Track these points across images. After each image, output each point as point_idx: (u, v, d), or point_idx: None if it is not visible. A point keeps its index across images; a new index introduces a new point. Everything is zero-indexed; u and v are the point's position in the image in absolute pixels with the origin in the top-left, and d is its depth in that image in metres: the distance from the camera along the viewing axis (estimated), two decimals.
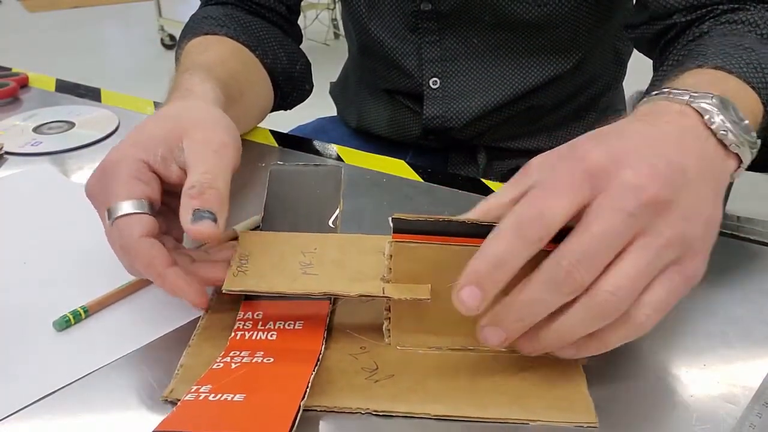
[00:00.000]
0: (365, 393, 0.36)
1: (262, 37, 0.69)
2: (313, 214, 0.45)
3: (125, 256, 0.40)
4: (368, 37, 0.77)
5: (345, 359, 0.38)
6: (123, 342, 0.40)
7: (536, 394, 0.36)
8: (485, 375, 0.37)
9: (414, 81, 0.76)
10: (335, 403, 0.35)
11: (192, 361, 0.38)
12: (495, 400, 0.35)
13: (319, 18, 3.82)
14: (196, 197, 0.39)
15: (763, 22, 0.52)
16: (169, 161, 0.42)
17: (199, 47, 0.63)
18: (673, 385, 0.37)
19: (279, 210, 0.46)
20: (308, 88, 0.77)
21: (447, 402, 0.35)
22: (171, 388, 0.36)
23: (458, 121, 0.76)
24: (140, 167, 0.42)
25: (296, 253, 0.41)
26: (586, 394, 0.36)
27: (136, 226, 0.39)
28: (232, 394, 0.33)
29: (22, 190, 0.59)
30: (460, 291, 0.32)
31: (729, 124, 0.37)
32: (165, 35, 3.84)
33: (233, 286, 0.39)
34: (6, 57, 1.29)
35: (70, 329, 0.41)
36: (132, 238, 0.39)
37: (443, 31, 0.73)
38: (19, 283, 0.46)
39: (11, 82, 0.81)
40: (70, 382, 0.37)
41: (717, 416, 0.35)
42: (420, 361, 0.38)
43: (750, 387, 0.37)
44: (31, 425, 0.35)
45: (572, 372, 0.37)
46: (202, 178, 0.40)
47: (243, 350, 0.38)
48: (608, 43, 0.78)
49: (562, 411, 0.35)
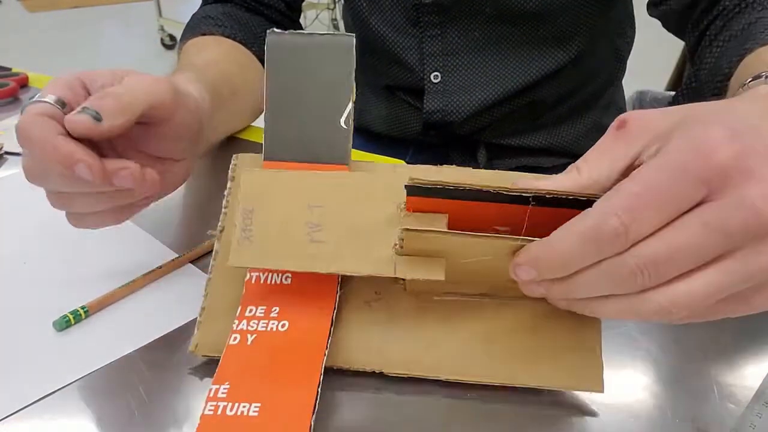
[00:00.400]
0: (379, 355, 0.36)
1: (260, 34, 0.69)
2: (323, 106, 0.40)
3: (20, 140, 0.39)
4: (369, 33, 0.77)
5: (360, 308, 0.38)
6: (123, 342, 0.40)
7: (550, 357, 0.36)
8: (500, 337, 0.36)
9: (415, 75, 0.76)
10: (350, 364, 0.36)
11: (213, 303, 0.38)
12: (507, 364, 0.36)
13: (319, 18, 3.81)
14: (93, 100, 0.38)
15: None
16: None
17: (196, 48, 0.64)
18: (673, 385, 0.37)
19: (282, 99, 0.41)
20: None
21: (458, 365, 0.36)
22: (196, 342, 0.37)
23: (459, 115, 0.76)
24: (73, 80, 0.41)
25: (303, 208, 0.37)
26: (599, 360, 0.35)
27: (38, 109, 0.38)
28: (248, 404, 0.33)
29: (22, 191, 0.59)
30: (518, 267, 0.32)
31: None
32: (165, 35, 3.84)
33: (239, 260, 0.36)
34: (6, 57, 1.29)
35: (70, 329, 0.41)
36: (27, 115, 0.38)
37: (445, 24, 0.72)
38: (19, 284, 0.46)
39: (11, 82, 0.81)
40: (70, 382, 0.37)
41: (717, 416, 0.35)
42: (435, 313, 0.37)
43: (750, 387, 0.37)
44: (31, 425, 0.35)
45: (589, 337, 0.36)
46: (110, 90, 0.39)
47: (258, 305, 0.38)
48: (608, 39, 0.78)
49: (572, 377, 0.35)
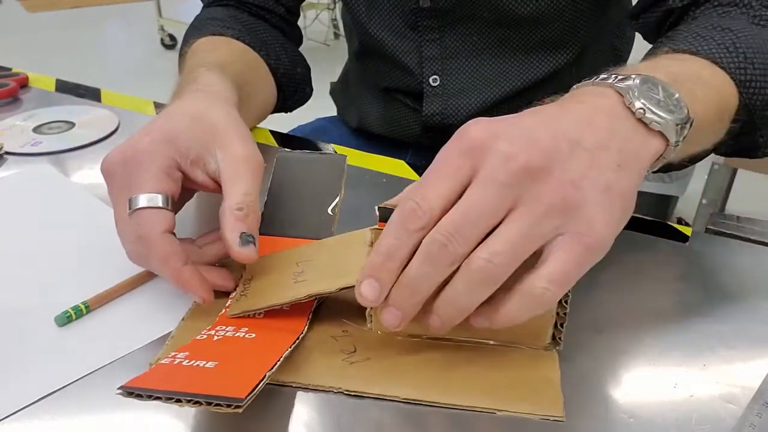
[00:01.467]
0: (340, 373, 0.37)
1: (265, 38, 0.69)
2: (314, 200, 0.46)
3: (141, 247, 0.41)
4: (368, 36, 0.78)
5: (326, 341, 0.40)
6: (124, 339, 0.40)
7: (507, 385, 0.36)
8: (459, 364, 0.38)
9: (414, 79, 0.76)
10: (310, 381, 0.37)
11: (182, 333, 0.40)
12: (465, 389, 0.36)
13: (319, 18, 3.82)
14: (242, 220, 0.40)
15: (758, 3, 0.52)
16: (198, 165, 0.43)
17: (207, 46, 0.63)
18: (673, 385, 0.37)
19: (281, 195, 0.47)
20: (309, 91, 0.77)
21: (418, 387, 0.36)
22: (158, 357, 0.38)
23: (458, 117, 0.76)
24: (171, 165, 0.42)
25: (291, 264, 0.42)
26: (558, 388, 0.36)
27: (159, 221, 0.40)
28: (206, 361, 0.35)
29: (22, 190, 0.59)
30: (360, 285, 0.35)
31: (650, 104, 0.37)
32: (165, 35, 3.83)
33: (235, 310, 0.41)
34: (6, 57, 1.29)
35: (71, 326, 0.41)
36: (153, 231, 0.40)
37: (443, 28, 0.73)
38: (19, 284, 0.46)
39: (11, 82, 0.81)
40: (74, 380, 0.37)
41: (717, 416, 0.35)
42: (397, 346, 0.39)
43: (750, 387, 0.37)
44: (31, 425, 0.35)
45: (546, 366, 0.38)
46: (246, 200, 0.41)
47: (229, 326, 0.40)
48: (606, 40, 0.78)
49: (529, 403, 0.35)
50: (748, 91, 0.45)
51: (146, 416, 0.35)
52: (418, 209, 0.34)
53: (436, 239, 0.33)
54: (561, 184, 0.33)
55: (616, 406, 0.36)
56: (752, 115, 0.46)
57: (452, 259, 0.33)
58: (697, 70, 0.44)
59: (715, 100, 0.43)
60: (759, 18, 0.51)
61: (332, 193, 0.46)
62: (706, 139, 0.45)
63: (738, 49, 0.45)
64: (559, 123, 0.36)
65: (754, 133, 0.48)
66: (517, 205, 0.33)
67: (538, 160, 0.33)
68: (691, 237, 0.51)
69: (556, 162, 0.34)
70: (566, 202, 0.33)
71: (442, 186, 0.34)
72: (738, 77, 0.45)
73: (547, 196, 0.33)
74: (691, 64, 0.44)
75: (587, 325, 0.41)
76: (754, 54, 0.46)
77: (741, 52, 0.45)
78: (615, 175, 0.35)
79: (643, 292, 0.45)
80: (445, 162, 0.35)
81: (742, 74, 0.45)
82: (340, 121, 0.94)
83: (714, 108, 0.43)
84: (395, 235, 0.34)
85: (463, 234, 0.33)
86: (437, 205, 0.34)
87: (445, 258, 0.33)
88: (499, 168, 0.33)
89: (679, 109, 0.38)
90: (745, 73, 0.45)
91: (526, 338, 0.39)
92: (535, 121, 0.36)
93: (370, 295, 0.35)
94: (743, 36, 0.47)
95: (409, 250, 0.34)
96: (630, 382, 0.37)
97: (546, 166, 0.33)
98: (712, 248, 0.50)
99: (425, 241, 0.33)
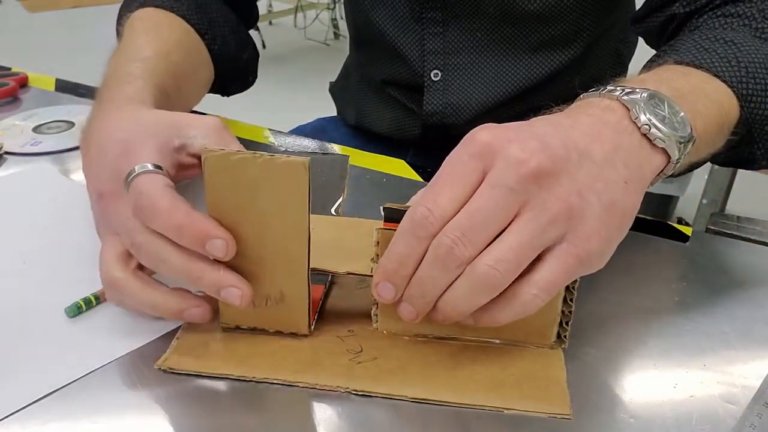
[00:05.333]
0: (347, 373, 0.37)
1: (214, 19, 0.67)
2: (318, 199, 0.46)
3: (143, 214, 0.37)
4: (370, 27, 0.77)
5: (332, 340, 0.40)
6: (134, 332, 0.40)
7: (513, 383, 0.37)
8: (466, 363, 0.38)
9: (415, 72, 0.76)
10: (317, 381, 0.37)
11: (189, 334, 0.40)
12: (472, 388, 0.36)
13: (319, 18, 3.82)
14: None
15: (761, 15, 0.52)
16: (183, 150, 0.43)
17: (147, 25, 0.60)
18: (673, 385, 0.37)
19: None
20: (251, 79, 0.76)
21: (425, 386, 0.36)
22: (165, 357, 0.38)
23: (458, 117, 0.75)
24: (162, 148, 0.42)
25: None
26: (564, 386, 0.37)
27: (159, 180, 0.38)
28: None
29: (21, 190, 0.59)
30: (377, 287, 0.36)
31: (656, 120, 0.37)
32: None
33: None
34: (6, 57, 1.28)
35: (81, 320, 0.42)
36: (157, 188, 0.37)
37: (448, 22, 0.72)
38: (18, 284, 0.46)
39: (11, 81, 0.81)
40: (82, 375, 0.37)
41: (717, 416, 0.35)
42: (404, 346, 0.39)
43: (750, 387, 0.37)
44: (30, 425, 0.35)
45: (553, 365, 0.38)
46: None
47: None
48: (610, 43, 0.78)
49: (537, 401, 0.35)
50: (749, 105, 0.46)
51: (147, 417, 0.35)
52: (430, 216, 0.34)
53: (443, 242, 0.33)
54: (568, 193, 0.34)
55: (617, 405, 0.36)
56: (751, 128, 0.47)
57: (459, 262, 0.33)
58: (700, 84, 0.44)
59: (716, 113, 0.43)
60: (761, 31, 0.51)
61: (336, 192, 0.47)
62: (704, 152, 0.45)
63: (740, 63, 0.46)
64: (569, 133, 0.36)
65: (751, 145, 0.48)
66: (524, 210, 0.33)
67: (548, 167, 0.33)
68: (691, 237, 0.51)
69: (565, 170, 0.34)
70: (571, 212, 0.34)
71: (453, 192, 0.34)
72: (740, 91, 0.45)
73: (553, 204, 0.33)
74: (695, 78, 0.45)
75: (587, 324, 0.41)
76: (756, 69, 0.46)
77: (743, 66, 0.46)
78: (622, 193, 0.35)
79: (643, 291, 0.45)
80: (455, 166, 0.35)
81: (744, 88, 0.45)
82: (339, 120, 0.93)
83: (715, 122, 0.43)
84: (406, 243, 0.35)
85: (470, 237, 0.33)
86: (449, 212, 0.34)
87: (452, 261, 0.33)
88: (510, 172, 0.33)
89: (683, 127, 0.38)
90: (747, 87, 0.45)
91: (532, 337, 0.39)
92: (545, 129, 0.36)
93: (388, 295, 0.36)
94: (746, 50, 0.47)
95: (421, 254, 0.35)
96: (630, 382, 0.37)
97: (555, 174, 0.34)
98: (713, 248, 0.50)
99: (434, 244, 0.34)
